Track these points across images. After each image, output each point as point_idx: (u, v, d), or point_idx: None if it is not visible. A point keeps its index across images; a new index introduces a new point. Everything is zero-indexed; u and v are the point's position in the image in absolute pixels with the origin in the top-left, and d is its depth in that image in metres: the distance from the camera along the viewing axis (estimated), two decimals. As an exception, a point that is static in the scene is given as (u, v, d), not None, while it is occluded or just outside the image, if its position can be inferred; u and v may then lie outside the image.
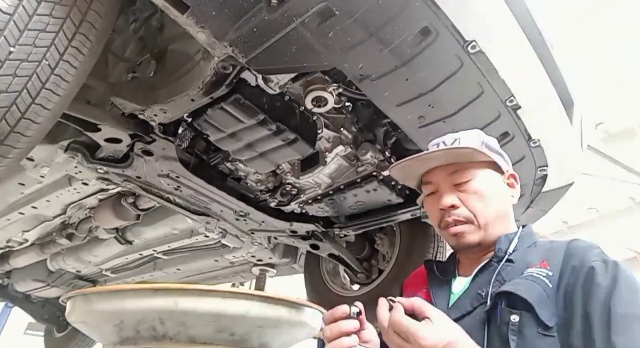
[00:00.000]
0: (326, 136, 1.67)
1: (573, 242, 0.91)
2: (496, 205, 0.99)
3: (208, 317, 1.07)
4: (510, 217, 1.03)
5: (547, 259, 0.89)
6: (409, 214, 1.87)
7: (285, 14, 0.99)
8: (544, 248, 0.94)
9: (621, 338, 0.74)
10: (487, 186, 0.99)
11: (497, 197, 1.00)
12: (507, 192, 1.03)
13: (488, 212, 0.97)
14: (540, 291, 0.82)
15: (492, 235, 0.97)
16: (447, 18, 1.04)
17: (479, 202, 0.97)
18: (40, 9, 1.02)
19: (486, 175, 1.00)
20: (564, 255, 0.88)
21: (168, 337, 1.10)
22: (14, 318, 6.34)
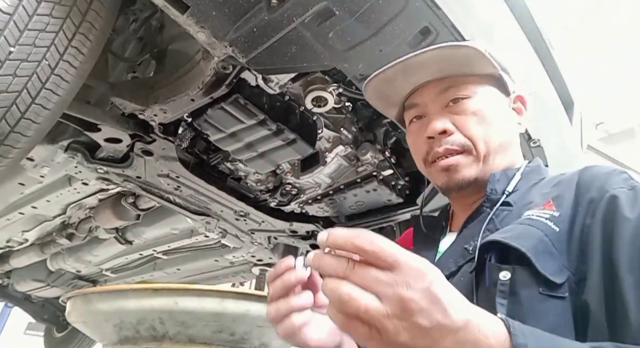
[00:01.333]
0: (326, 136, 1.67)
1: (586, 170, 0.68)
2: (500, 132, 0.77)
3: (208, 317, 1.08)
4: (516, 150, 0.82)
5: (554, 197, 0.67)
6: (408, 214, 1.87)
7: (285, 14, 0.99)
8: (552, 183, 0.72)
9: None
10: (491, 106, 0.78)
11: (501, 122, 0.79)
12: (514, 118, 0.83)
13: (490, 139, 0.76)
14: (541, 237, 0.60)
15: (492, 170, 0.77)
16: (447, 18, 1.04)
17: (479, 125, 0.76)
18: (40, 9, 1.02)
19: (489, 93, 0.79)
20: (576, 188, 0.65)
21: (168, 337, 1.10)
22: (14, 318, 6.34)
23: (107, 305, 1.12)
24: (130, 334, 1.13)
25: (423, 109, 0.80)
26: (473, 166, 0.76)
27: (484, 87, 0.79)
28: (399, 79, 0.80)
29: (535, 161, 0.82)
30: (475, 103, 0.77)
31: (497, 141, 0.76)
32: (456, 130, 0.76)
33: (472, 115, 0.76)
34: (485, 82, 0.79)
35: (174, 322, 1.09)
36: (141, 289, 1.10)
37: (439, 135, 0.76)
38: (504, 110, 0.81)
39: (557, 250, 0.59)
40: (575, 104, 1.50)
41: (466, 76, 0.78)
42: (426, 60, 0.76)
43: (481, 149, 0.75)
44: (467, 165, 0.76)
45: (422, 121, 0.80)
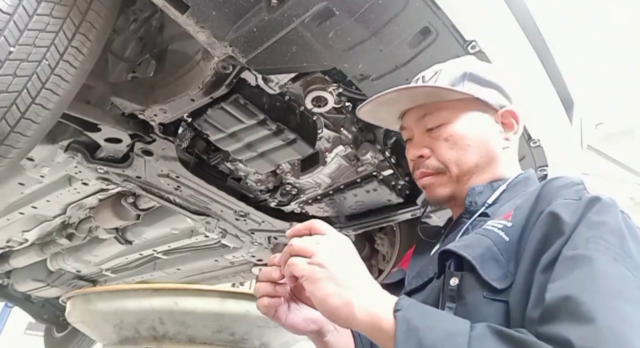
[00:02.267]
0: (326, 136, 1.67)
1: (549, 182, 0.72)
2: (477, 153, 0.82)
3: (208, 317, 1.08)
4: (502, 164, 0.84)
5: (517, 207, 0.71)
6: (409, 214, 1.87)
7: (285, 14, 0.99)
8: (526, 194, 0.75)
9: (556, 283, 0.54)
10: (466, 130, 0.82)
11: (479, 142, 0.82)
12: (498, 135, 0.85)
13: (465, 161, 0.81)
14: (489, 246, 0.65)
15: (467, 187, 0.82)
16: (447, 18, 1.04)
17: (452, 150, 0.81)
18: (40, 9, 1.02)
19: (467, 116, 0.83)
20: (534, 200, 0.69)
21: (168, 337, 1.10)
22: (14, 318, 6.34)
23: (107, 305, 1.12)
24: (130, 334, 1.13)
25: (410, 132, 0.89)
26: (447, 185, 0.83)
27: (458, 112, 0.83)
28: (382, 109, 0.89)
29: (527, 173, 0.86)
30: (449, 129, 0.82)
31: (471, 162, 0.82)
32: (432, 154, 0.83)
33: (444, 140, 0.82)
34: (462, 106, 0.83)
35: (174, 322, 1.09)
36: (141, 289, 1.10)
37: (418, 159, 0.86)
38: (483, 129, 0.84)
39: (504, 258, 0.64)
40: (575, 104, 1.50)
41: (441, 102, 0.83)
42: (395, 97, 0.83)
43: (453, 171, 0.82)
44: (442, 185, 0.83)
45: (411, 143, 0.89)
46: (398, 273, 0.91)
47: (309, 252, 0.63)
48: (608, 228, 0.58)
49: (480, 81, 0.84)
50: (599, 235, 0.57)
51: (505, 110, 0.86)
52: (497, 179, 0.83)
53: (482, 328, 0.53)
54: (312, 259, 0.62)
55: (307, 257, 0.62)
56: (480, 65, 0.89)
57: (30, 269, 3.19)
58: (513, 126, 0.86)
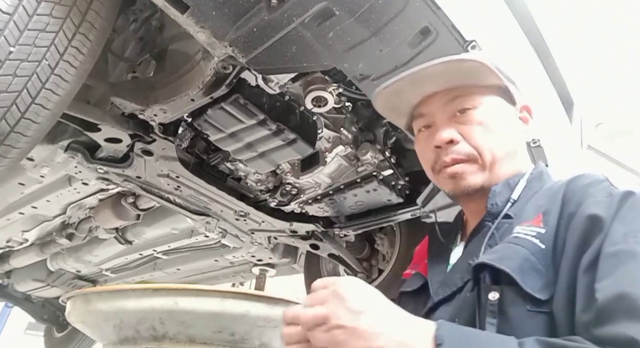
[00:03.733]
0: (326, 136, 1.67)
1: (573, 181, 0.71)
2: (505, 141, 0.79)
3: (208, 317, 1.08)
4: (522, 157, 0.83)
5: (545, 211, 0.68)
6: (409, 214, 1.87)
7: (285, 14, 0.99)
8: (547, 193, 0.73)
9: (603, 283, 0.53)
10: (496, 116, 0.80)
11: (507, 131, 0.80)
12: (520, 127, 0.84)
13: (496, 148, 0.77)
14: (526, 256, 0.62)
15: (499, 178, 0.78)
16: (447, 18, 1.04)
17: (485, 135, 0.77)
18: (40, 9, 1.02)
19: (495, 103, 0.81)
20: (561, 202, 0.67)
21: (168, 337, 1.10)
22: (14, 318, 6.34)
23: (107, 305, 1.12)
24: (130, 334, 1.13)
25: (431, 119, 0.82)
26: (479, 174, 0.77)
27: (490, 98, 0.80)
28: (407, 90, 0.82)
29: (539, 166, 0.84)
30: (481, 113, 0.78)
31: (502, 150, 0.78)
32: (462, 139, 0.77)
33: (477, 125, 0.78)
34: (492, 92, 0.81)
35: (174, 322, 1.09)
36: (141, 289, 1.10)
37: (446, 145, 0.78)
38: (510, 119, 0.82)
39: (543, 267, 0.61)
40: (575, 104, 1.50)
41: (472, 87, 0.80)
42: (434, 72, 0.78)
43: (487, 158, 0.77)
44: (473, 173, 0.77)
45: (430, 130, 0.82)
46: (416, 279, 0.87)
47: (319, 319, 0.56)
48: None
49: (505, 75, 0.83)
50: (637, 228, 0.56)
51: (522, 104, 0.86)
52: (515, 173, 0.79)
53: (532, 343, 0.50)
54: (328, 324, 0.55)
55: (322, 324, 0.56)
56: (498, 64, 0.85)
57: (30, 269, 3.19)
58: (528, 120, 0.86)
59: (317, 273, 2.54)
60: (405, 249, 2.19)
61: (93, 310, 1.14)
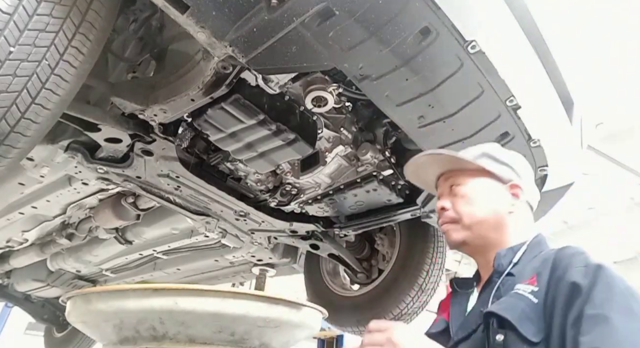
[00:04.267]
0: (326, 136, 1.67)
1: (560, 250, 0.93)
2: (485, 210, 1.04)
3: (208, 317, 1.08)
4: (510, 227, 1.04)
5: (538, 273, 0.91)
6: (409, 214, 1.87)
7: (285, 14, 0.99)
8: (542, 259, 0.95)
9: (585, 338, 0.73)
10: (477, 191, 1.06)
11: (487, 203, 1.05)
12: (506, 201, 1.05)
13: (474, 214, 1.04)
14: (523, 308, 0.84)
15: (481, 237, 1.03)
16: (447, 18, 1.04)
17: (466, 205, 1.05)
18: (40, 9, 1.02)
19: (479, 182, 1.07)
20: (551, 267, 0.90)
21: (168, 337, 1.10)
22: (14, 318, 6.34)
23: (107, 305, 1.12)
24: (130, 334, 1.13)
25: (439, 191, 1.13)
26: (460, 232, 1.04)
27: (474, 178, 1.07)
28: (422, 171, 1.15)
29: (538, 236, 1.04)
30: (466, 189, 1.06)
31: (479, 216, 1.04)
32: (451, 207, 1.06)
33: (461, 197, 1.06)
34: (479, 174, 1.07)
35: (174, 322, 1.09)
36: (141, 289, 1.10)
37: (441, 211, 1.08)
38: (492, 194, 1.06)
39: (535, 317, 0.82)
40: (575, 104, 1.50)
41: (462, 170, 1.08)
42: (430, 160, 1.11)
43: (466, 221, 1.04)
44: (456, 231, 1.05)
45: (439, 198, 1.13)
46: (441, 322, 1.09)
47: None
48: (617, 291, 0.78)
49: (496, 159, 1.08)
50: (611, 297, 0.77)
51: (511, 183, 1.06)
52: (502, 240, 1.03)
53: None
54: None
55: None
56: (499, 149, 1.13)
57: (30, 269, 3.19)
58: (519, 196, 1.05)
59: (317, 274, 2.54)
60: (405, 249, 2.20)
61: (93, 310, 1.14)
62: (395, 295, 2.11)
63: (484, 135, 1.36)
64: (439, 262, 2.17)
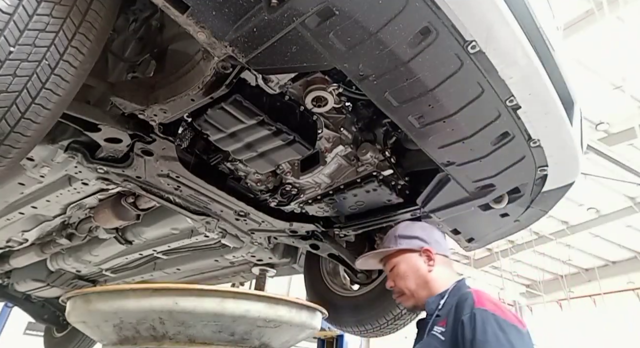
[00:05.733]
0: (326, 136, 1.67)
1: (459, 297, 1.28)
2: (414, 279, 1.42)
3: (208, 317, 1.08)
4: (434, 281, 1.41)
5: (448, 316, 1.26)
6: (409, 214, 1.87)
7: (285, 14, 0.99)
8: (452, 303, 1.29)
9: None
10: (403, 269, 1.45)
11: (413, 273, 1.43)
12: (423, 264, 1.43)
13: (410, 285, 1.43)
14: (435, 345, 1.21)
15: (421, 298, 1.41)
16: (447, 18, 1.04)
17: (402, 280, 1.44)
18: (40, 9, 1.02)
19: (402, 260, 1.46)
20: (454, 311, 1.24)
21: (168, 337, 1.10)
22: (14, 318, 6.34)
23: (107, 305, 1.12)
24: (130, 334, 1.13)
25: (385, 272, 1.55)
26: (409, 300, 1.45)
27: (399, 258, 1.47)
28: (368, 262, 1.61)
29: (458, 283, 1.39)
30: (396, 270, 1.47)
31: (414, 285, 1.42)
32: (395, 285, 1.47)
33: (397, 276, 1.46)
34: (399, 253, 1.47)
35: (174, 322, 1.09)
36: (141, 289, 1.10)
37: (390, 288, 1.50)
38: (413, 264, 1.44)
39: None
40: (575, 104, 1.50)
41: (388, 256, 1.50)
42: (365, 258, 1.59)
43: (407, 292, 1.44)
44: (406, 300, 1.47)
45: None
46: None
47: None
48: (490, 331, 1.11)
49: (405, 236, 1.49)
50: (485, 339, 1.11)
51: (422, 248, 1.45)
52: (431, 293, 1.39)
53: None
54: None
55: None
56: (407, 225, 1.56)
57: (30, 269, 3.18)
58: (432, 257, 1.44)
59: (317, 274, 2.54)
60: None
61: (93, 310, 1.14)
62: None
63: (484, 135, 1.36)
64: (439, 262, 2.16)
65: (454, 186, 1.60)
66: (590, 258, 12.51)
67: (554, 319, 13.15)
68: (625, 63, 6.31)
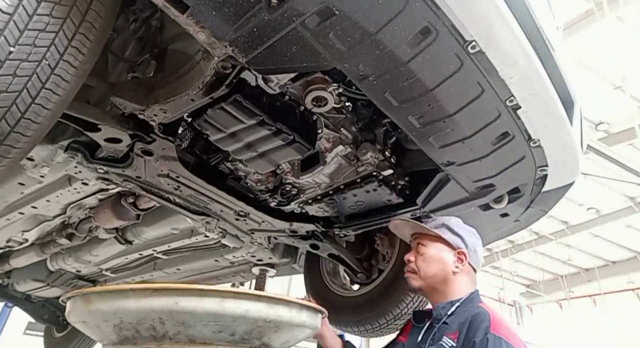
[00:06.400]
0: (326, 136, 1.67)
1: (474, 315, 1.29)
2: (435, 268, 1.44)
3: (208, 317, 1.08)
4: (454, 283, 1.42)
5: (460, 331, 1.27)
6: (409, 214, 1.87)
7: (285, 14, 0.99)
8: (466, 316, 1.30)
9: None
10: (431, 253, 1.46)
11: (437, 262, 1.44)
12: (452, 263, 1.44)
13: (427, 270, 1.45)
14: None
15: (431, 287, 1.45)
16: (447, 18, 1.04)
17: (423, 262, 1.46)
18: (40, 9, 1.02)
19: (435, 246, 1.47)
20: (467, 328, 1.25)
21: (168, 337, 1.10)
22: (14, 318, 6.34)
23: (107, 305, 1.12)
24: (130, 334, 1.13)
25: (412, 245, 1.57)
26: (417, 280, 1.47)
27: (432, 242, 1.48)
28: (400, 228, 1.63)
29: (472, 294, 1.41)
30: (424, 249, 1.48)
31: (430, 272, 1.45)
32: (414, 261, 1.49)
33: (421, 255, 1.48)
34: (437, 240, 1.48)
35: (174, 322, 1.09)
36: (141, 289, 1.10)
37: (407, 262, 1.51)
38: (442, 258, 1.45)
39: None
40: (575, 104, 1.50)
41: (426, 234, 1.51)
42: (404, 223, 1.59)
43: (422, 274, 1.46)
44: (414, 279, 1.49)
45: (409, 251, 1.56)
46: (399, 345, 1.54)
47: None
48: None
49: (451, 230, 1.48)
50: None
51: (459, 250, 1.46)
52: (446, 294, 1.41)
53: None
54: None
55: None
56: (457, 222, 1.53)
57: (30, 269, 3.18)
58: (463, 261, 1.45)
59: (317, 273, 2.54)
60: (405, 249, 2.19)
61: (93, 310, 1.14)
62: (395, 295, 2.11)
63: (484, 135, 1.36)
64: (439, 262, 2.16)
65: (454, 186, 1.60)
66: (590, 258, 12.52)
67: (554, 319, 13.15)
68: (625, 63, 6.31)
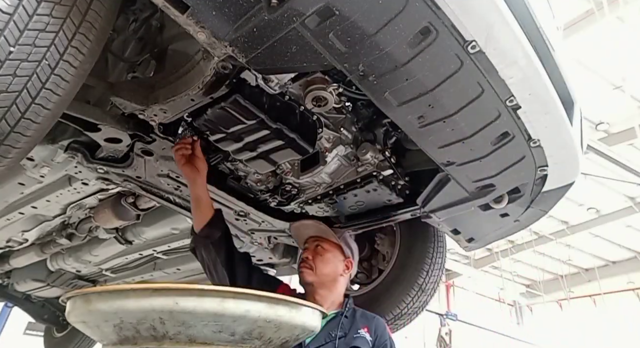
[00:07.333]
0: (326, 136, 1.67)
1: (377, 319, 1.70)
2: (329, 268, 1.76)
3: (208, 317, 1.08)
4: (338, 284, 1.77)
5: (369, 326, 1.63)
6: (409, 214, 1.87)
7: (285, 14, 0.99)
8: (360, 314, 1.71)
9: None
10: (329, 257, 1.77)
11: (332, 266, 1.76)
12: (341, 268, 1.78)
13: (323, 269, 1.75)
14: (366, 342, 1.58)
15: (321, 283, 1.74)
16: (447, 18, 1.04)
17: (321, 263, 1.75)
18: (40, 9, 1.02)
19: (332, 252, 1.79)
20: (374, 327, 1.64)
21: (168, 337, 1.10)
22: (14, 318, 6.35)
23: (107, 305, 1.12)
24: (130, 334, 1.13)
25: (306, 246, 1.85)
26: (312, 276, 1.74)
27: (331, 247, 1.80)
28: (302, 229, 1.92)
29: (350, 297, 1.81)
30: (323, 252, 1.78)
31: (325, 271, 1.75)
32: (311, 259, 1.76)
33: (319, 255, 1.77)
34: (335, 246, 1.81)
35: (174, 322, 1.09)
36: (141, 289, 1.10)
37: (305, 258, 1.79)
38: (337, 262, 1.79)
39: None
40: (575, 104, 1.50)
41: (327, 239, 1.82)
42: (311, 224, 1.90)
43: (317, 271, 1.74)
44: (308, 275, 1.75)
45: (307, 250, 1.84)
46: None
47: None
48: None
49: (346, 241, 1.84)
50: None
51: (349, 259, 1.83)
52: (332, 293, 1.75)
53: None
54: None
55: None
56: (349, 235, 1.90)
57: (30, 269, 3.18)
58: (349, 269, 1.82)
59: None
60: (405, 249, 2.20)
61: (93, 310, 1.14)
62: (396, 295, 2.12)
63: (484, 135, 1.36)
64: (439, 262, 2.17)
65: (454, 186, 1.60)
66: (590, 258, 12.53)
67: (554, 319, 13.15)
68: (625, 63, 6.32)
